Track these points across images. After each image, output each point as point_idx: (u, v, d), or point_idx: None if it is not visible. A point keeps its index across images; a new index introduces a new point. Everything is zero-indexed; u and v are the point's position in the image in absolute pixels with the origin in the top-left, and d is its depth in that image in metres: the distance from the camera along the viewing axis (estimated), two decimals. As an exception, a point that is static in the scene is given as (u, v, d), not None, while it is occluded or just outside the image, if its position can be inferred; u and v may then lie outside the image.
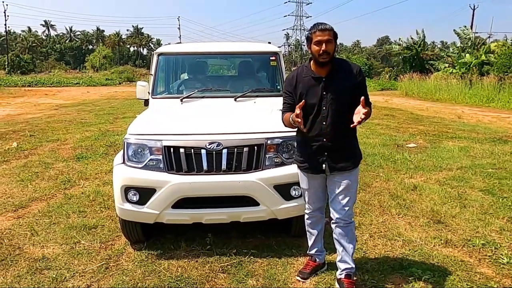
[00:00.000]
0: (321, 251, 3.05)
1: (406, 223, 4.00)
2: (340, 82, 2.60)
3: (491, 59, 22.65)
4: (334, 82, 2.60)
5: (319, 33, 2.51)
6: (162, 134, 3.21)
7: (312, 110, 2.62)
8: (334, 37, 2.54)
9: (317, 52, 2.52)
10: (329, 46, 2.50)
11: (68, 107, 16.13)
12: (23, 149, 7.50)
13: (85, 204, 4.53)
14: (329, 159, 2.65)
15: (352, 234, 2.80)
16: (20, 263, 3.22)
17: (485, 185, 5.24)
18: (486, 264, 3.20)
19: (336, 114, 2.58)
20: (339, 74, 2.62)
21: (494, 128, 10.39)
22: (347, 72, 2.63)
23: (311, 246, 3.03)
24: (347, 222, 2.73)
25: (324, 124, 2.60)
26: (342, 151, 2.66)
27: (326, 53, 2.50)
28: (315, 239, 3.00)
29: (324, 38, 2.49)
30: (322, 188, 2.83)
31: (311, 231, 2.99)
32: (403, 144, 8.04)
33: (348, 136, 2.70)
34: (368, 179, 5.48)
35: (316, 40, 2.51)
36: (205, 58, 5.18)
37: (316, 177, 2.77)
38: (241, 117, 3.67)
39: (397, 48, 33.95)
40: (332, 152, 2.64)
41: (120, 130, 9.68)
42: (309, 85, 2.63)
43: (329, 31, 2.51)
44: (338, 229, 2.77)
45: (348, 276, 2.79)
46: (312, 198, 2.87)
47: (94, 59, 58.78)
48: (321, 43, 2.49)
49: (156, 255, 3.34)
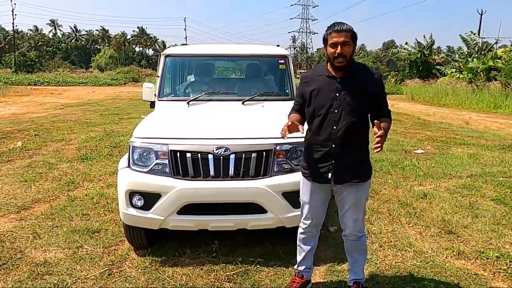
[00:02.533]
0: (309, 268, 2.85)
1: (416, 233, 3.90)
2: (357, 85, 2.40)
3: (499, 64, 22.46)
4: (350, 84, 2.39)
5: (334, 34, 2.32)
6: (169, 138, 3.13)
7: (322, 111, 2.42)
8: (353, 38, 2.35)
9: (332, 55, 2.34)
10: (346, 48, 2.32)
11: (74, 106, 16.13)
12: (27, 148, 7.46)
13: (89, 207, 4.46)
14: (336, 168, 2.44)
15: (363, 246, 2.70)
16: (21, 268, 3.15)
17: (497, 194, 5.12)
18: (501, 278, 3.09)
19: (348, 118, 2.37)
20: (357, 77, 2.42)
21: (503, 135, 10.24)
22: (366, 77, 2.44)
23: (300, 262, 2.81)
24: (358, 236, 2.62)
25: (334, 129, 2.40)
26: (351, 161, 2.45)
27: (342, 56, 2.32)
28: (305, 255, 2.78)
29: (340, 40, 2.31)
30: (323, 204, 2.65)
31: (303, 246, 2.78)
32: (411, 150, 7.92)
33: (359, 145, 2.49)
34: (376, 186, 5.37)
35: (332, 42, 2.33)
36: (212, 60, 5.11)
37: (319, 190, 2.58)
38: (249, 121, 3.58)
39: (404, 52, 33.79)
40: (340, 161, 2.43)
41: (125, 131, 9.63)
42: (322, 84, 2.45)
43: (346, 32, 2.31)
44: (349, 243, 2.67)
45: (357, 284, 2.71)
46: (311, 213, 2.65)
47: (100, 59, 59.03)
48: (337, 45, 2.31)
49: (160, 261, 3.25)
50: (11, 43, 58.05)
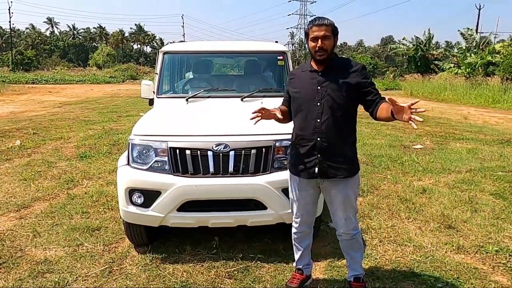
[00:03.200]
0: (308, 264, 2.87)
1: (416, 228, 3.91)
2: (338, 78, 2.41)
3: (497, 59, 22.45)
4: (331, 77, 2.42)
5: (315, 28, 2.36)
6: (168, 135, 3.12)
7: (305, 105, 2.45)
8: (333, 32, 2.38)
9: (313, 49, 2.37)
10: (326, 42, 2.35)
11: (72, 104, 16.10)
12: (26, 147, 7.44)
13: (88, 205, 4.46)
14: (322, 162, 2.43)
15: (359, 244, 2.67)
16: (22, 266, 3.15)
17: (496, 188, 5.13)
18: (501, 272, 3.10)
19: (332, 111, 2.38)
20: (338, 70, 2.44)
21: (502, 130, 10.26)
22: (348, 70, 2.44)
23: (298, 260, 2.84)
24: (352, 235, 2.59)
25: (318, 122, 2.40)
26: (336, 155, 2.43)
27: (323, 49, 2.35)
28: (302, 253, 2.81)
29: (320, 34, 2.34)
30: (312, 200, 2.64)
31: (298, 246, 2.80)
32: (409, 146, 7.94)
33: (345, 139, 2.46)
34: (375, 181, 5.38)
35: (313, 36, 2.37)
36: (211, 57, 5.09)
37: (307, 186, 2.57)
38: (249, 118, 3.57)
39: (402, 47, 33.76)
40: (326, 154, 2.42)
41: (124, 128, 9.61)
42: (305, 78, 2.51)
43: (326, 26, 2.35)
44: (344, 242, 2.65)
45: (357, 280, 2.71)
46: (300, 210, 2.65)
47: (98, 56, 58.80)
48: (317, 39, 2.35)
49: (160, 258, 3.26)
50: (8, 41, 57.84)
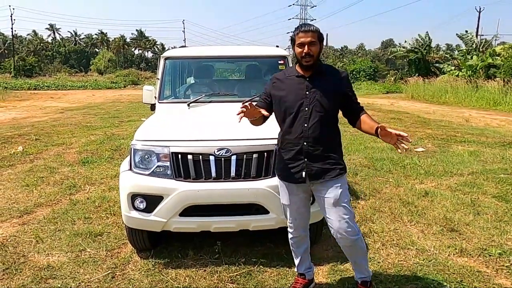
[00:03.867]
0: (309, 268, 2.87)
1: (418, 231, 3.90)
2: (325, 84, 2.47)
3: (498, 61, 22.45)
4: (319, 83, 2.47)
5: (301, 34, 2.40)
6: (170, 140, 3.13)
7: (293, 109, 2.46)
8: (319, 39, 2.43)
9: (300, 54, 2.41)
10: (312, 48, 2.39)
11: (74, 110, 16.16)
12: (28, 153, 7.47)
13: (91, 210, 4.47)
14: (308, 166, 2.46)
15: (360, 248, 2.59)
16: (25, 272, 3.15)
17: (498, 191, 5.12)
18: (504, 275, 3.09)
19: (319, 116, 2.43)
20: (325, 76, 2.51)
21: (503, 132, 10.24)
22: (333, 76, 2.53)
23: (298, 265, 2.85)
24: (351, 240, 2.49)
25: (305, 126, 2.44)
26: (323, 158, 2.47)
27: (309, 55, 2.39)
28: (301, 258, 2.81)
29: (306, 40, 2.38)
30: (304, 203, 2.64)
31: (296, 251, 2.81)
32: (411, 148, 7.92)
33: (331, 142, 2.51)
34: (377, 185, 5.38)
35: (299, 42, 2.40)
36: (212, 62, 5.12)
37: (297, 191, 2.58)
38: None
39: (402, 50, 33.80)
40: (312, 158, 2.46)
41: (126, 134, 9.64)
42: (292, 84, 2.52)
43: (312, 33, 2.39)
44: (345, 249, 2.62)
45: (364, 283, 2.70)
46: (293, 215, 2.66)
47: (99, 62, 59.06)
48: (304, 45, 2.39)
49: (163, 263, 3.26)
50: (10, 48, 58.06)
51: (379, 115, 13.97)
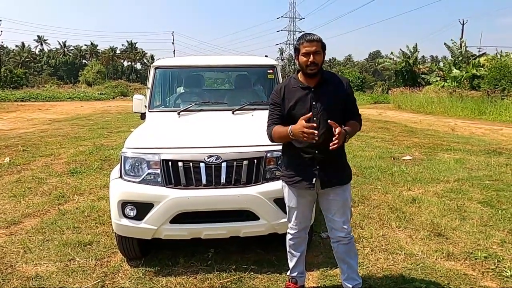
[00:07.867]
0: (302, 273, 2.90)
1: (406, 236, 3.96)
2: (330, 92, 2.54)
3: (481, 72, 23.03)
4: (324, 92, 2.53)
5: (306, 44, 2.45)
6: (160, 147, 3.15)
7: None
8: (323, 48, 2.50)
9: (305, 63, 2.46)
10: (317, 57, 2.46)
11: (62, 121, 16.00)
12: (15, 164, 7.37)
13: (80, 220, 4.43)
14: (321, 173, 2.53)
15: (354, 249, 2.73)
16: (13, 282, 3.11)
17: (483, 197, 5.23)
18: (490, 278, 3.16)
19: (327, 124, 2.42)
20: (329, 84, 2.56)
21: (488, 140, 10.47)
22: (337, 83, 2.59)
23: (292, 268, 2.87)
24: (349, 239, 2.64)
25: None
26: (334, 165, 2.56)
27: (314, 64, 2.45)
28: (297, 260, 2.84)
29: (312, 49, 2.44)
30: (310, 207, 2.74)
31: (294, 252, 2.83)
32: (399, 157, 8.05)
33: (340, 150, 2.57)
34: (366, 192, 5.45)
35: (304, 51, 2.46)
36: (202, 72, 5.17)
37: (305, 195, 2.64)
38: (240, 130, 3.63)
39: (389, 62, 34.44)
40: (324, 166, 2.53)
41: (115, 144, 9.58)
42: (298, 95, 2.55)
43: (317, 42, 2.46)
44: (341, 247, 2.67)
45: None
46: (299, 217, 2.72)
47: (88, 73, 58.71)
48: (309, 54, 2.44)
49: (153, 272, 3.25)
50: (-3, 59, 57.40)
51: (367, 124, 14.15)
